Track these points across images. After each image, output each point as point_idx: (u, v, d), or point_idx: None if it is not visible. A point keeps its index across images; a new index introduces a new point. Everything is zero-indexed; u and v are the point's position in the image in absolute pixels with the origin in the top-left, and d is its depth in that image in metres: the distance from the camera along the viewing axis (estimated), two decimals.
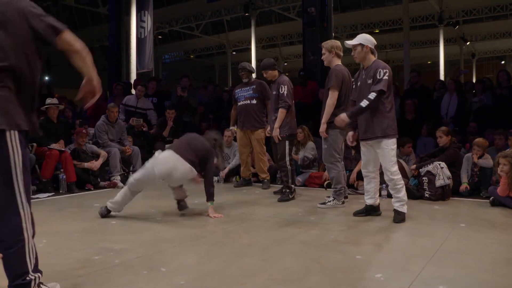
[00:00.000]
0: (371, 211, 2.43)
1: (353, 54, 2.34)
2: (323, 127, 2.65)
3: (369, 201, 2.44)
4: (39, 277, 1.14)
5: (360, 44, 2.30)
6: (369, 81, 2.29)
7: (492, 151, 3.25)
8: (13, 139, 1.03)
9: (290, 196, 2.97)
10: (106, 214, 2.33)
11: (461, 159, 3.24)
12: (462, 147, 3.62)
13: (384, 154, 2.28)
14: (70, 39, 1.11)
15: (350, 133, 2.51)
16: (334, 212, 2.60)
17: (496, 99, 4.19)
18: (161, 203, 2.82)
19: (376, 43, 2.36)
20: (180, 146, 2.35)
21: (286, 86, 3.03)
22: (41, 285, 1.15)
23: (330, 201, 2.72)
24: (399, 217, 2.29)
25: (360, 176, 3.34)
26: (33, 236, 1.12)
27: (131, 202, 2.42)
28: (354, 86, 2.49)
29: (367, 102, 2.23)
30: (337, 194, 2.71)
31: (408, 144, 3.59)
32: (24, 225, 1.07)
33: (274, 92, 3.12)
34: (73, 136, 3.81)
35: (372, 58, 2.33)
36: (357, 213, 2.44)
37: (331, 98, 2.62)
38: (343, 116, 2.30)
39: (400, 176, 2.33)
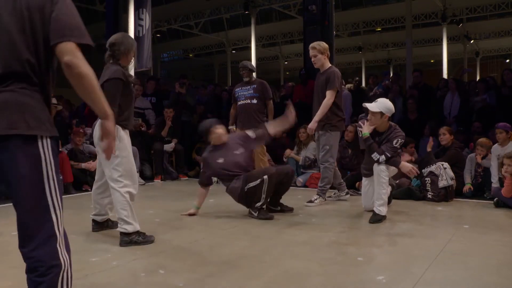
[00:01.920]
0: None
1: (369, 118, 2.40)
2: (314, 124, 2.71)
3: None
4: None
5: (381, 112, 2.35)
6: (384, 142, 2.38)
7: None
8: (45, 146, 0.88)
9: (260, 214, 2.34)
10: None
11: (463, 159, 3.21)
12: (465, 147, 3.57)
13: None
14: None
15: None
16: (335, 213, 2.58)
17: (500, 98, 4.14)
18: (160, 203, 2.80)
19: (393, 111, 2.44)
20: None
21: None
22: None
23: (317, 199, 2.79)
24: (374, 218, 2.30)
25: (361, 177, 3.33)
26: (70, 264, 0.91)
27: None
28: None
29: (385, 158, 2.34)
30: (323, 192, 2.82)
31: (411, 144, 3.56)
32: (59, 247, 0.89)
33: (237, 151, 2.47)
34: (70, 136, 3.78)
35: (387, 124, 2.41)
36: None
37: (330, 99, 2.70)
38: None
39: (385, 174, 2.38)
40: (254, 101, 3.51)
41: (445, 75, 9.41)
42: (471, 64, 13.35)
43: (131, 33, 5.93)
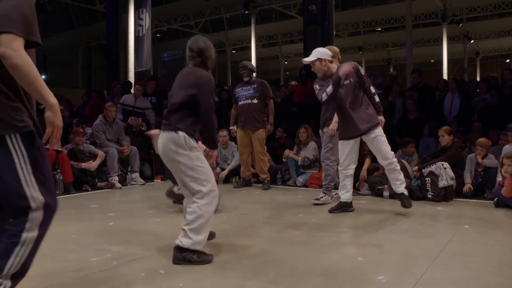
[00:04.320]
0: (346, 207, 2.54)
1: (313, 70, 2.45)
2: (335, 125, 2.75)
3: (344, 197, 2.53)
4: (5, 286, 1.00)
5: (318, 59, 2.40)
6: (346, 82, 2.38)
7: (496, 150, 3.21)
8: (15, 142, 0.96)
9: None
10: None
11: (463, 159, 3.20)
12: (465, 147, 3.57)
13: (383, 140, 2.40)
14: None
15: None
16: (335, 213, 2.57)
17: (501, 98, 4.14)
18: (160, 203, 2.80)
19: (331, 54, 2.47)
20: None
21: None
22: None
23: (322, 197, 2.84)
24: (408, 202, 2.42)
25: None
26: (37, 240, 1.02)
27: (129, 203, 2.37)
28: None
29: (376, 95, 2.44)
30: (328, 190, 2.88)
31: (411, 144, 3.55)
32: (28, 224, 0.99)
33: None
34: (70, 136, 3.77)
35: (334, 67, 2.44)
36: (332, 211, 2.53)
37: None
38: (381, 118, 2.43)
39: (395, 159, 2.46)
40: (255, 101, 3.52)
41: (445, 75, 9.42)
42: (471, 64, 13.37)
43: (131, 33, 5.93)
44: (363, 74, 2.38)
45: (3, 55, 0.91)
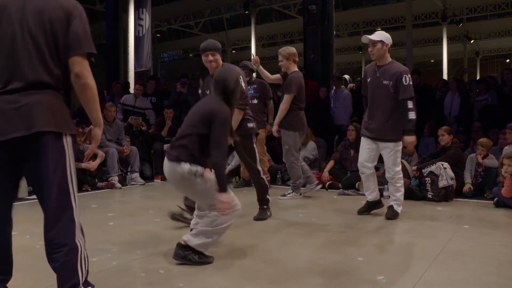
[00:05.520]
0: (374, 206, 2.52)
1: (370, 50, 2.31)
2: (275, 127, 2.91)
3: (370, 197, 2.49)
4: None
5: (381, 41, 2.29)
6: (386, 82, 2.30)
7: (496, 150, 3.22)
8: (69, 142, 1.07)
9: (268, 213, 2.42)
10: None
11: (463, 159, 3.21)
12: (468, 147, 3.57)
13: (392, 155, 2.35)
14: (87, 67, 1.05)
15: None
16: (335, 213, 2.58)
17: (501, 98, 4.15)
18: (160, 203, 2.80)
19: (391, 42, 2.39)
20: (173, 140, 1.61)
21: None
22: None
23: (289, 193, 2.99)
24: (391, 213, 2.37)
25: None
26: (84, 246, 1.09)
27: (129, 203, 2.37)
28: (364, 80, 2.54)
29: (413, 112, 2.24)
30: (296, 188, 3.01)
31: None
32: (76, 232, 1.07)
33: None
34: None
35: (389, 57, 2.35)
36: (361, 212, 2.51)
37: (285, 103, 2.86)
38: (410, 139, 2.28)
39: (401, 175, 2.40)
40: (255, 101, 3.53)
41: (445, 75, 9.44)
42: (471, 64, 13.38)
43: (131, 33, 5.93)
44: (404, 83, 2.18)
45: (80, 74, 1.03)
